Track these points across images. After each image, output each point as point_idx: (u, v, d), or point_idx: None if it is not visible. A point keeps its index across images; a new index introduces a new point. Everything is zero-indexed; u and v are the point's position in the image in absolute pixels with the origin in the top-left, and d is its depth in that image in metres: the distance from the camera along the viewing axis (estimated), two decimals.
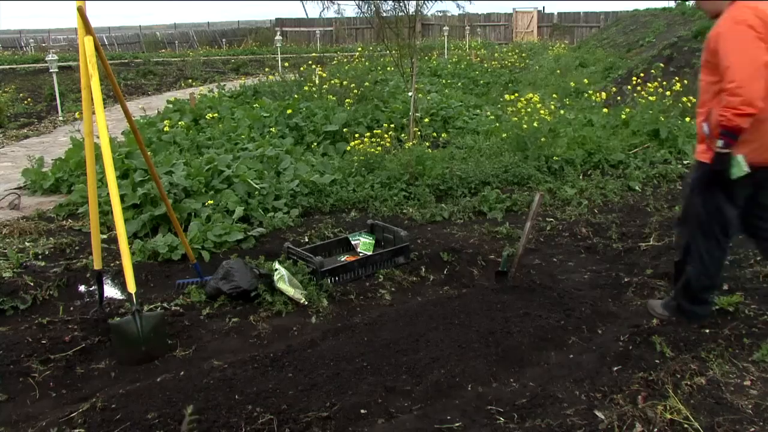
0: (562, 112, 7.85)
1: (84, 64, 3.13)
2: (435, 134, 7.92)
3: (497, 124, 7.68)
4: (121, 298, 3.75)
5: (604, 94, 8.89)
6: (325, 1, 7.44)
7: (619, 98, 9.40)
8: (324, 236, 4.66)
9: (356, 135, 7.06)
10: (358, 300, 3.71)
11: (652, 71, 9.84)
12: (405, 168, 5.89)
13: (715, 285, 3.20)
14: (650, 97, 7.76)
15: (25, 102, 12.99)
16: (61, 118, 11.13)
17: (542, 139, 6.49)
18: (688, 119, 7.33)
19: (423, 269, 4.06)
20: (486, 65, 14.78)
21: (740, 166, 2.82)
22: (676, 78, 8.26)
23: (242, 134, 7.31)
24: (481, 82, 12.84)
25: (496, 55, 16.96)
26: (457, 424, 2.45)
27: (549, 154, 6.33)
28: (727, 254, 3.18)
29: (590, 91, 9.55)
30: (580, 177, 6.15)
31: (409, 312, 3.44)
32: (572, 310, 3.39)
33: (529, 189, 5.83)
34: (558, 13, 28.28)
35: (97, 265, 3.46)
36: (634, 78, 9.13)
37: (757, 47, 2.71)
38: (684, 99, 7.67)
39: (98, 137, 3.22)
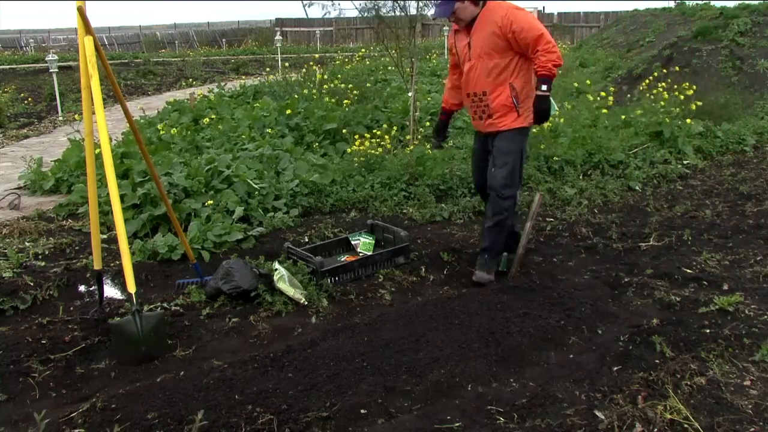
0: (561, 110, 7.84)
1: (84, 64, 3.13)
2: None
3: None
4: (121, 298, 3.75)
5: (604, 95, 8.88)
6: (327, 1, 7.45)
7: (619, 98, 9.40)
8: (324, 236, 4.66)
9: (356, 135, 7.06)
10: (358, 300, 3.71)
11: (660, 71, 9.84)
12: (405, 168, 5.89)
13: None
14: (661, 102, 7.75)
15: (25, 102, 12.99)
16: (61, 118, 11.13)
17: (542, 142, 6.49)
18: (688, 120, 7.34)
19: (423, 269, 4.06)
20: None
21: (554, 106, 3.72)
22: (686, 84, 8.25)
23: (242, 134, 7.31)
24: None
25: None
26: (457, 424, 2.45)
27: (549, 154, 6.33)
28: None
29: (590, 92, 9.55)
30: (580, 177, 6.15)
31: (409, 312, 3.44)
32: (572, 310, 3.39)
33: (529, 189, 5.83)
34: (558, 13, 28.28)
35: (97, 265, 3.46)
36: (643, 84, 9.12)
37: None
38: (693, 106, 7.67)
39: (98, 137, 3.22)
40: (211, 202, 4.95)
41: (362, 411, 2.54)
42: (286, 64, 14.94)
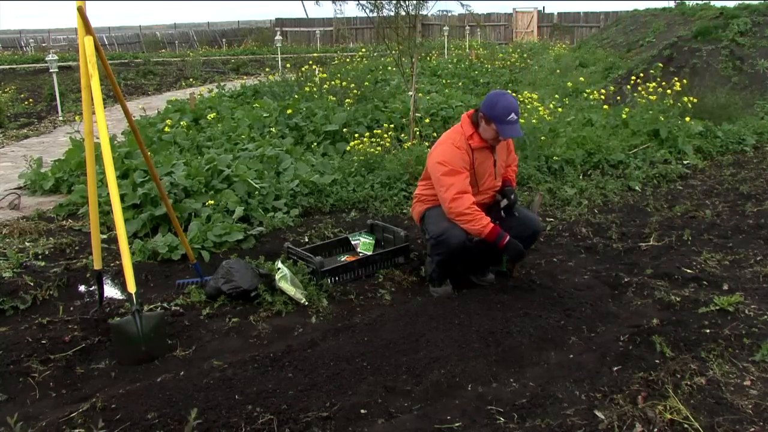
0: (560, 109, 7.85)
1: (84, 64, 3.13)
2: (435, 134, 7.91)
3: None
4: (121, 298, 3.75)
5: (604, 93, 8.90)
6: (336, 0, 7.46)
7: (618, 98, 9.40)
8: (324, 236, 4.66)
9: (356, 135, 7.06)
10: (358, 300, 3.71)
11: (652, 71, 9.84)
12: (405, 168, 5.89)
13: None
14: (651, 97, 7.76)
15: (25, 102, 12.99)
16: (61, 118, 11.13)
17: (542, 139, 6.49)
18: (688, 119, 7.34)
19: (423, 269, 4.06)
20: (486, 65, 14.78)
21: None
22: (675, 78, 8.26)
23: (242, 134, 7.31)
24: (481, 81, 12.84)
25: (499, 55, 16.95)
26: (457, 424, 2.45)
27: (549, 154, 6.33)
28: None
29: (589, 90, 9.56)
30: (580, 177, 6.15)
31: (409, 312, 3.44)
32: (572, 310, 3.39)
33: (529, 189, 5.83)
34: (558, 13, 28.33)
35: (97, 265, 3.46)
36: (634, 78, 9.13)
37: None
38: (685, 99, 7.68)
39: (98, 137, 3.22)
40: (212, 202, 4.95)
41: (362, 411, 2.54)
42: (288, 64, 14.93)
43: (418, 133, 7.46)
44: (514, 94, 8.80)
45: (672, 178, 6.20)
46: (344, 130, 7.51)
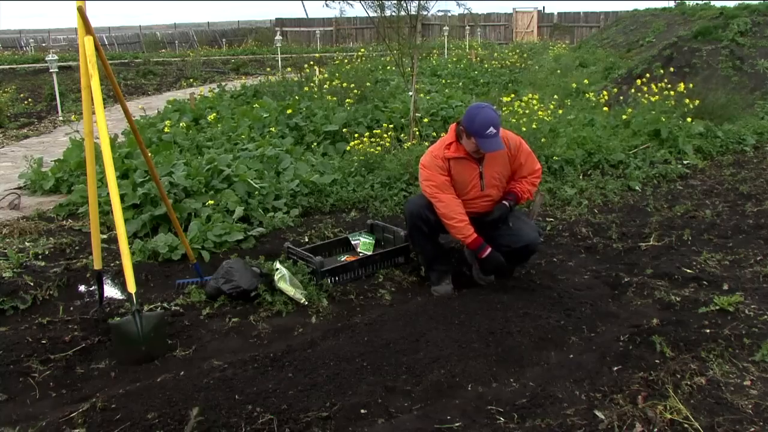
0: (560, 110, 7.85)
1: (84, 64, 3.13)
2: (435, 134, 7.91)
3: None
4: (121, 298, 3.75)
5: (605, 93, 8.90)
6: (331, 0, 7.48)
7: (620, 98, 9.40)
8: (324, 236, 4.66)
9: (356, 135, 7.06)
10: (358, 300, 3.71)
11: (661, 71, 9.83)
12: (405, 168, 5.89)
13: None
14: (652, 98, 7.75)
15: (25, 102, 12.99)
16: (61, 118, 11.13)
17: (542, 139, 6.49)
18: (689, 120, 7.34)
19: (423, 269, 4.06)
20: (486, 65, 14.78)
21: None
22: (681, 82, 8.25)
23: (242, 134, 7.31)
24: (481, 82, 12.84)
25: (495, 54, 16.96)
26: (457, 424, 2.45)
27: (549, 154, 6.33)
28: None
29: (590, 92, 9.55)
30: (580, 177, 6.15)
31: (409, 312, 3.44)
32: (572, 310, 3.39)
33: None
34: (558, 13, 28.37)
35: (97, 265, 3.46)
36: (639, 81, 9.12)
37: None
38: (686, 101, 7.68)
39: (98, 137, 3.22)
40: (212, 202, 4.95)
41: (362, 411, 2.54)
42: (288, 68, 14.93)
43: (417, 133, 7.46)
44: (513, 95, 8.84)
45: (672, 178, 6.20)
46: (344, 130, 7.51)
